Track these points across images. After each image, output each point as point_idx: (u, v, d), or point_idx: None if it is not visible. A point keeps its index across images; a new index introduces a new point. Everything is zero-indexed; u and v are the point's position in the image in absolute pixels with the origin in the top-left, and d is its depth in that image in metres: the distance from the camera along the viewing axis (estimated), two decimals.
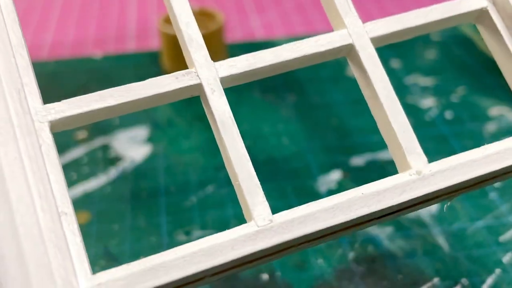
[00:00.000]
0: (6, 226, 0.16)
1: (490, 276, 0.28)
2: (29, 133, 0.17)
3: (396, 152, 0.20)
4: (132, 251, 0.30)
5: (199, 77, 0.19)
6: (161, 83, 0.19)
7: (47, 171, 0.17)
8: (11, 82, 0.18)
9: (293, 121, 0.40)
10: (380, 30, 0.21)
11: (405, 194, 0.19)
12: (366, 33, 0.21)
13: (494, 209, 0.32)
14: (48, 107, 0.18)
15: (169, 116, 0.41)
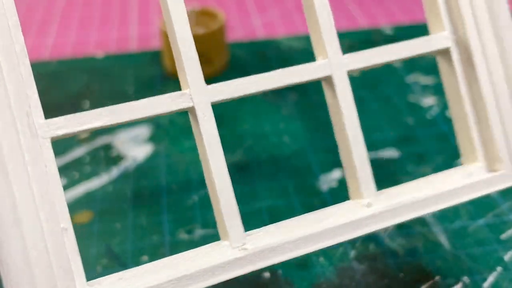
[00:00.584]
0: (19, 253, 0.18)
1: (492, 274, 0.28)
2: (36, 155, 0.18)
3: (351, 181, 0.23)
4: (134, 249, 0.30)
5: (192, 101, 0.20)
6: (157, 103, 0.20)
7: (51, 190, 0.19)
8: (19, 104, 0.19)
9: (294, 120, 0.40)
10: (357, 64, 0.23)
11: (359, 230, 0.22)
12: (345, 66, 0.22)
13: (495, 207, 0.32)
14: (50, 123, 0.19)
15: (170, 116, 0.41)
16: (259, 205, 0.33)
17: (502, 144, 0.24)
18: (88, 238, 0.31)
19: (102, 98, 0.43)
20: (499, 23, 0.23)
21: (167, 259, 0.20)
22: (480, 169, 0.24)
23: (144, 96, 0.46)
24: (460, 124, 0.24)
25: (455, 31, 0.24)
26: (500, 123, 0.24)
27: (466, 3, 0.23)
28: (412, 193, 0.23)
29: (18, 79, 0.19)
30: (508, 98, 0.24)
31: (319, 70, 0.22)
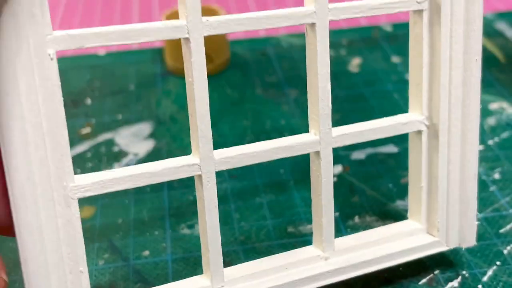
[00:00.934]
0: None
1: (491, 268, 0.28)
2: (65, 214, 0.21)
3: (316, 227, 0.26)
4: (135, 244, 0.30)
5: (200, 170, 0.23)
6: (171, 166, 0.22)
7: (76, 242, 0.21)
8: (59, 178, 0.20)
9: (295, 116, 0.40)
10: (344, 140, 0.25)
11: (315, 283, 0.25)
12: (334, 142, 0.25)
13: (494, 202, 0.32)
14: (78, 186, 0.21)
15: (172, 112, 0.41)
16: (259, 201, 0.33)
17: (443, 215, 0.27)
18: (90, 233, 0.31)
19: (103, 96, 0.43)
20: (468, 110, 0.26)
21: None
22: (421, 230, 0.27)
23: (146, 93, 0.47)
24: (413, 185, 0.27)
25: (429, 117, 0.26)
26: (446, 196, 0.27)
27: (445, 96, 0.25)
28: (363, 249, 0.26)
29: (58, 154, 0.20)
30: (459, 173, 0.26)
31: (309, 145, 0.25)
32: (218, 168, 0.23)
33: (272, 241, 0.30)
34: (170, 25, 0.21)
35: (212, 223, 0.24)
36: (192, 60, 0.21)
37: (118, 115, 0.41)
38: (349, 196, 0.33)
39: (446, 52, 0.25)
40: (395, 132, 0.26)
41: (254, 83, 0.44)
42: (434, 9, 0.24)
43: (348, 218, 0.32)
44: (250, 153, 0.23)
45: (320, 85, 0.24)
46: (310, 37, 0.24)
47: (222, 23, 0.22)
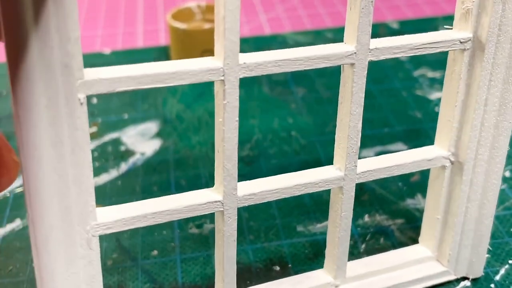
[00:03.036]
0: None
1: (503, 267, 0.28)
2: (86, 252, 0.21)
3: (330, 254, 0.26)
4: (144, 244, 0.30)
5: (223, 206, 0.22)
6: (194, 203, 0.22)
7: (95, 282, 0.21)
8: (83, 221, 0.20)
9: (302, 114, 0.40)
10: (368, 176, 0.25)
11: None
12: (358, 178, 0.24)
13: (505, 200, 0.32)
14: (100, 224, 0.21)
15: (178, 111, 0.41)
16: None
17: (455, 247, 0.27)
18: None
19: (109, 95, 0.43)
20: (496, 152, 0.25)
21: None
22: (431, 258, 0.27)
23: (152, 92, 0.46)
24: (429, 215, 0.27)
25: (456, 154, 0.25)
26: (460, 230, 0.26)
27: (475, 137, 0.25)
28: (373, 277, 0.27)
29: (83, 200, 0.20)
30: (477, 210, 0.26)
31: (333, 178, 0.24)
32: (241, 205, 0.23)
33: (282, 241, 0.30)
34: (206, 67, 0.20)
35: (229, 257, 0.23)
36: (225, 102, 0.21)
37: (124, 114, 0.40)
38: (359, 194, 0.33)
39: (483, 94, 0.24)
40: (420, 168, 0.25)
41: (261, 81, 0.44)
42: (477, 50, 0.24)
43: (357, 216, 0.31)
44: (273, 190, 0.23)
45: (351, 124, 0.23)
46: (346, 75, 0.23)
47: (259, 65, 0.21)
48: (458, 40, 0.23)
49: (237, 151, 0.22)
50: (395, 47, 0.23)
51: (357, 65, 0.22)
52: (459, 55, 0.24)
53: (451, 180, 0.26)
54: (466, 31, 0.24)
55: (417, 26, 0.51)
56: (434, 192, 0.26)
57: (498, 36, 0.23)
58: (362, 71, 0.22)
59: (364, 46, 0.22)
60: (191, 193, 0.23)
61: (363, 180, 0.24)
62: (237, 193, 0.22)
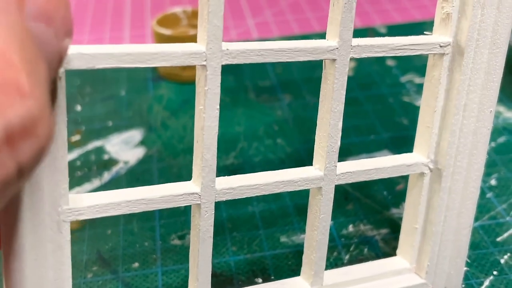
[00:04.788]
0: None
1: (488, 278, 0.28)
2: (56, 238, 0.20)
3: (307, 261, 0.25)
4: (125, 256, 0.30)
5: (200, 199, 0.22)
6: (170, 194, 0.21)
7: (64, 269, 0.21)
8: (53, 203, 0.19)
9: (288, 121, 0.40)
10: (348, 178, 0.24)
11: None
12: (337, 179, 0.24)
13: (491, 209, 0.32)
14: (72, 209, 0.20)
15: (163, 118, 0.40)
16: (252, 210, 0.32)
17: (433, 258, 0.26)
18: (79, 245, 0.30)
19: (94, 102, 0.42)
20: (475, 159, 0.25)
21: None
22: (409, 270, 0.27)
23: (137, 98, 0.46)
24: (407, 224, 0.27)
25: (435, 161, 0.25)
26: (439, 241, 0.26)
27: (454, 143, 0.24)
28: (351, 286, 0.26)
29: (55, 180, 0.19)
30: (456, 220, 0.26)
31: (312, 179, 0.24)
32: (218, 199, 0.22)
33: (265, 252, 0.30)
34: (188, 50, 0.20)
35: (204, 254, 0.23)
36: (206, 88, 0.20)
37: (108, 122, 0.40)
38: (344, 204, 0.33)
39: (462, 100, 0.24)
40: (399, 173, 0.25)
41: (247, 88, 0.43)
42: (456, 55, 0.23)
43: (342, 226, 0.31)
44: (252, 185, 0.23)
45: (332, 122, 0.23)
46: (328, 71, 0.22)
47: (242, 53, 0.21)
48: (438, 44, 0.23)
49: (216, 141, 0.21)
50: (377, 45, 0.23)
51: (338, 61, 0.22)
52: (438, 60, 0.24)
53: (430, 187, 0.25)
54: (446, 35, 0.23)
55: (405, 30, 0.50)
56: (413, 201, 0.26)
57: (477, 41, 0.23)
58: (344, 68, 0.22)
59: (346, 42, 0.22)
60: (168, 184, 0.22)
61: (342, 182, 0.24)
62: (215, 186, 0.22)
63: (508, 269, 0.28)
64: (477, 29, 0.23)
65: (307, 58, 0.22)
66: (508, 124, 0.38)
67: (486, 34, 0.23)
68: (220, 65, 0.20)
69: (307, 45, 0.21)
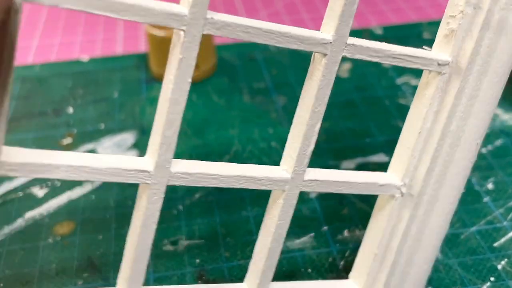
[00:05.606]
0: None
1: (485, 284, 0.27)
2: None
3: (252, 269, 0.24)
4: (116, 262, 0.29)
5: (151, 178, 0.20)
6: (118, 167, 0.19)
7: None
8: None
9: (283, 124, 0.39)
10: (315, 186, 0.22)
11: None
12: (303, 185, 0.22)
13: (488, 214, 0.31)
14: (3, 163, 0.18)
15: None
16: (246, 214, 0.32)
17: None
18: (70, 250, 0.30)
19: (86, 104, 0.42)
20: (451, 192, 0.23)
21: None
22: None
23: (130, 100, 0.45)
24: (366, 248, 0.25)
25: (409, 186, 0.23)
26: (398, 270, 0.25)
27: (433, 171, 0.23)
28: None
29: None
30: (419, 253, 0.24)
31: (278, 179, 0.22)
32: (171, 183, 0.20)
33: None
34: (168, 10, 0.18)
35: (144, 241, 0.21)
36: (180, 57, 0.18)
37: (100, 124, 0.39)
38: (339, 208, 0.32)
39: (451, 126, 0.22)
40: (370, 192, 0.23)
41: (241, 90, 0.43)
42: (453, 76, 0.22)
43: (337, 232, 0.31)
44: (211, 175, 0.21)
45: (310, 123, 0.21)
46: (315, 67, 0.21)
47: (227, 25, 0.19)
48: (437, 61, 0.22)
49: (181, 119, 0.19)
50: (373, 49, 0.21)
51: (329, 56, 0.20)
52: (433, 78, 0.22)
53: (398, 213, 0.24)
54: (446, 53, 0.22)
55: (401, 31, 0.50)
56: (377, 224, 0.24)
57: (479, 66, 0.21)
58: (333, 65, 0.20)
59: (342, 38, 0.20)
60: (120, 156, 0.20)
61: (308, 190, 0.22)
62: (170, 168, 0.20)
63: (505, 275, 0.28)
64: (481, 53, 0.21)
65: (296, 46, 0.20)
66: (505, 127, 0.38)
67: (489, 61, 0.21)
68: (200, 34, 0.18)
69: (299, 32, 0.19)
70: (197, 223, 0.31)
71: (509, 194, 0.32)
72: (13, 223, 0.32)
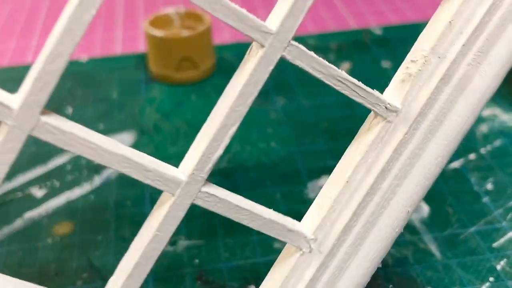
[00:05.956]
0: None
1: (484, 284, 0.27)
2: None
3: None
4: (115, 262, 0.29)
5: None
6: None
7: None
8: None
9: (282, 124, 0.39)
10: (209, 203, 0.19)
11: None
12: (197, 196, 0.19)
13: (487, 214, 0.31)
14: None
15: (155, 121, 0.40)
16: None
17: None
18: (69, 251, 0.30)
19: (85, 104, 0.42)
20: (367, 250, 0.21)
21: None
22: None
23: (129, 101, 0.46)
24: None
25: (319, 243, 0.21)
26: None
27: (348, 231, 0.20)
28: None
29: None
30: None
31: None
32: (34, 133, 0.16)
33: (258, 258, 0.29)
34: None
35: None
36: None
37: (99, 125, 0.39)
38: None
39: (383, 183, 0.20)
40: (274, 233, 0.20)
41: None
42: (399, 127, 0.19)
43: None
44: (88, 142, 0.17)
45: (225, 122, 0.18)
46: (249, 58, 0.18)
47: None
48: (385, 105, 0.19)
49: None
50: (317, 62, 0.18)
51: (267, 51, 0.17)
52: (376, 124, 0.20)
53: (301, 272, 0.21)
54: (398, 100, 0.19)
55: (400, 32, 0.50)
56: (275, 276, 0.21)
57: (430, 121, 0.19)
58: (269, 63, 0.17)
59: (286, 34, 0.17)
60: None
61: (202, 204, 0.19)
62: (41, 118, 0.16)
63: (504, 275, 0.28)
64: (435, 107, 0.19)
65: (234, 24, 0.17)
66: (504, 127, 0.38)
67: (442, 119, 0.19)
68: None
69: (242, 11, 0.17)
70: (196, 223, 0.31)
71: (508, 194, 0.32)
72: (12, 224, 0.32)
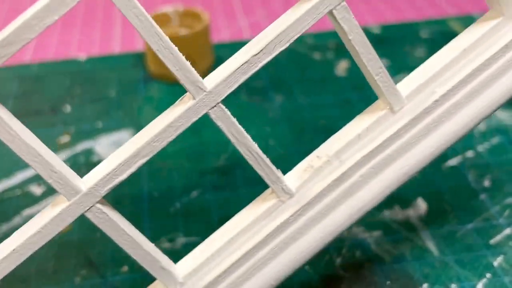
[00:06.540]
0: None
1: (481, 281, 0.27)
2: None
3: None
4: (113, 260, 0.29)
5: None
6: None
7: None
8: None
9: (280, 123, 0.39)
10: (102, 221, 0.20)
11: None
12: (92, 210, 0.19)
13: (484, 211, 0.31)
14: None
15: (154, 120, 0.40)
16: None
17: None
18: (67, 248, 0.30)
19: (83, 102, 0.42)
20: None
21: None
22: None
23: (128, 99, 0.45)
24: None
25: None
26: None
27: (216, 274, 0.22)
28: None
29: None
30: None
31: None
32: None
33: None
34: None
35: None
36: None
37: (98, 123, 0.39)
38: None
39: (257, 252, 0.21)
40: (149, 267, 0.21)
41: (238, 88, 0.43)
42: (287, 209, 0.21)
43: None
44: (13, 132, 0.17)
45: (140, 153, 0.19)
46: (180, 103, 0.19)
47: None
48: (282, 185, 0.21)
49: None
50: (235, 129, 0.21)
51: (195, 104, 0.19)
52: (271, 199, 0.22)
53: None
54: (295, 184, 0.21)
55: (398, 30, 0.50)
56: None
57: (315, 212, 0.21)
58: (194, 115, 0.20)
59: (217, 96, 0.20)
60: None
61: (91, 218, 0.19)
62: None
63: (501, 271, 0.28)
64: (323, 202, 0.21)
65: (174, 70, 0.19)
66: (501, 125, 0.38)
67: (326, 214, 0.21)
68: None
69: (186, 63, 0.19)
70: (194, 220, 0.31)
71: (505, 192, 0.32)
72: (11, 221, 0.32)
